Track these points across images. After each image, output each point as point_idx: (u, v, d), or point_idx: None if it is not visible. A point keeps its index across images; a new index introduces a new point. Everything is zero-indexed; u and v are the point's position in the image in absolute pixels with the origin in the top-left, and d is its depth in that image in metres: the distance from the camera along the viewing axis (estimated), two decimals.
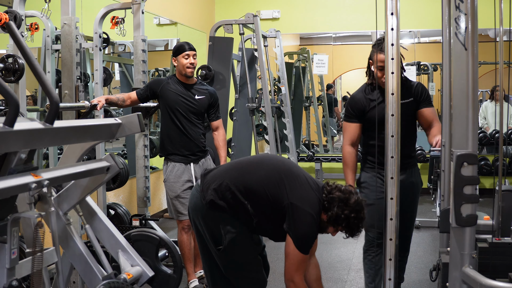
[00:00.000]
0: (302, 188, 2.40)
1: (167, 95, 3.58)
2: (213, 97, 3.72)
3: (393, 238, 2.25)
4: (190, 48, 3.61)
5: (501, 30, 2.92)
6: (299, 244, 2.36)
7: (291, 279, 2.40)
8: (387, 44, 2.19)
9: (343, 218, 2.37)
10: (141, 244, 3.07)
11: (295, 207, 2.35)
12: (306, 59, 7.80)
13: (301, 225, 2.36)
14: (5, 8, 2.93)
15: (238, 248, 2.45)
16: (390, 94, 2.21)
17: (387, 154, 2.26)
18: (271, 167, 2.47)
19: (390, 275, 2.27)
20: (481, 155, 6.79)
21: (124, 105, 3.66)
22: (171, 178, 3.60)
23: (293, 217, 2.35)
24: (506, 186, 2.86)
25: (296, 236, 2.36)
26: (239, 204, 2.41)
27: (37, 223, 1.80)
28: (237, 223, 2.44)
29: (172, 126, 3.59)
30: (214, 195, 2.42)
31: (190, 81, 3.65)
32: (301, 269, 2.41)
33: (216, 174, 2.51)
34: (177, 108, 3.57)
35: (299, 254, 2.37)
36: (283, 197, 2.38)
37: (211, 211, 2.43)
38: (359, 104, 3.01)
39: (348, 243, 4.81)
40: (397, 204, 2.25)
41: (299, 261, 2.38)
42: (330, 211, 2.38)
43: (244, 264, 2.50)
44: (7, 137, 1.67)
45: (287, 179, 2.41)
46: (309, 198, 2.39)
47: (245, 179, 2.43)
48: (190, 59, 3.59)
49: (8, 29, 1.92)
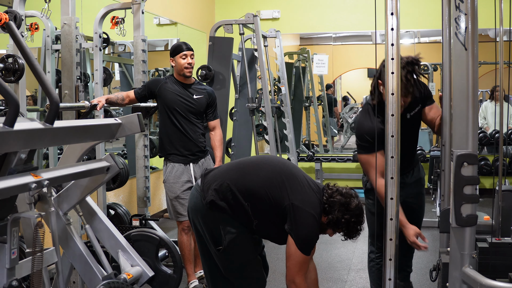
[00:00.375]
0: (303, 190, 2.41)
1: (165, 95, 3.58)
2: (211, 97, 3.71)
3: (393, 238, 2.25)
4: (187, 48, 3.60)
5: (501, 30, 2.92)
6: (301, 245, 2.36)
7: (293, 280, 2.40)
8: (387, 44, 2.19)
9: (343, 222, 2.39)
10: (141, 244, 3.07)
11: (297, 208, 2.35)
12: (306, 59, 7.80)
13: (303, 226, 2.36)
14: (5, 8, 2.93)
15: (238, 249, 2.45)
16: (390, 94, 2.21)
17: (387, 154, 2.25)
18: (272, 169, 2.47)
19: (390, 275, 2.26)
20: (481, 155, 6.79)
21: (123, 104, 3.66)
22: (171, 179, 3.59)
23: (295, 218, 2.35)
24: (506, 186, 2.86)
25: (298, 237, 2.36)
26: (239, 205, 2.41)
27: (37, 223, 1.80)
28: (237, 223, 2.43)
29: (171, 126, 3.58)
30: (215, 195, 2.42)
31: (188, 81, 3.65)
32: (302, 270, 2.41)
33: (216, 174, 2.51)
34: (175, 107, 3.56)
35: (301, 255, 2.37)
36: (284, 199, 2.38)
37: (211, 211, 2.43)
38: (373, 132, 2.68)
39: (348, 243, 4.80)
40: (397, 204, 2.25)
41: (301, 262, 2.38)
42: (330, 214, 2.39)
43: (244, 264, 2.50)
44: (7, 137, 1.67)
45: (288, 181, 2.41)
46: (310, 199, 2.39)
47: (246, 180, 2.43)
48: (187, 59, 3.58)
49: (8, 29, 1.92)
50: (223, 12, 7.56)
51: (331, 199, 2.40)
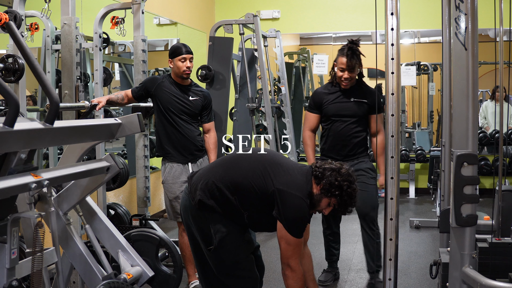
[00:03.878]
0: (286, 173, 2.41)
1: (161, 95, 3.56)
2: (207, 99, 3.70)
3: (393, 238, 2.25)
4: (187, 51, 3.56)
5: (501, 30, 2.92)
6: (290, 227, 2.35)
7: (287, 263, 2.40)
8: (387, 44, 2.19)
9: (336, 186, 2.36)
10: (141, 244, 3.07)
11: (282, 192, 2.35)
12: (306, 59, 7.80)
13: (289, 209, 2.35)
14: (5, 8, 2.93)
15: (229, 248, 2.45)
16: (390, 94, 2.21)
17: (387, 154, 2.26)
18: (253, 159, 2.48)
19: (390, 275, 2.27)
20: (481, 155, 6.80)
21: (122, 104, 3.65)
22: (169, 179, 3.59)
23: (281, 202, 2.35)
24: (506, 186, 2.86)
25: (286, 220, 2.35)
26: (227, 201, 2.42)
27: (37, 223, 1.80)
28: (227, 222, 2.44)
29: (168, 126, 3.57)
30: (201, 195, 2.43)
31: (185, 82, 3.64)
32: (295, 253, 2.40)
33: (201, 174, 2.53)
34: (170, 108, 3.54)
35: (292, 238, 2.36)
36: (269, 185, 2.38)
37: (201, 211, 2.44)
38: (318, 98, 3.61)
39: (348, 243, 4.81)
40: (397, 204, 2.25)
41: (293, 245, 2.38)
42: (323, 179, 2.37)
43: (235, 263, 2.50)
44: (7, 137, 1.67)
45: (270, 167, 2.42)
46: (295, 181, 2.39)
47: (229, 175, 2.44)
48: (186, 63, 3.54)
49: (8, 29, 1.92)
50: (223, 12, 7.56)
51: (322, 167, 2.40)
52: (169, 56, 3.61)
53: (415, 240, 5.00)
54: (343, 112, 3.55)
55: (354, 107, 3.53)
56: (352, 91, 3.55)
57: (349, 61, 3.43)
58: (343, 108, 3.54)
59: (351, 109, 3.53)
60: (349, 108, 3.54)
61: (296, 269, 2.40)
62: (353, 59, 3.43)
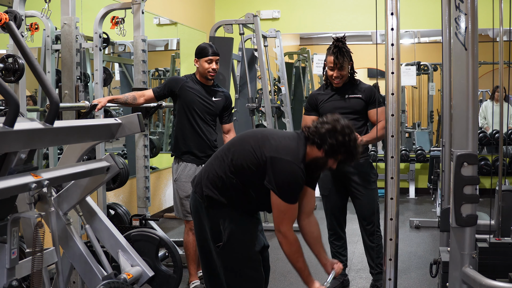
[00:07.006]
0: (277, 141, 2.39)
1: (186, 94, 3.58)
2: (228, 100, 3.74)
3: (393, 238, 2.25)
4: (213, 52, 3.57)
5: (501, 30, 2.92)
6: (281, 192, 2.33)
7: (278, 229, 2.38)
8: (387, 44, 2.19)
9: (340, 143, 2.33)
10: (141, 244, 3.06)
11: (272, 159, 2.33)
12: (306, 59, 7.80)
13: (279, 173, 2.33)
14: (5, 8, 2.93)
15: (238, 243, 2.45)
16: (390, 94, 2.21)
17: (387, 154, 2.26)
18: (242, 142, 2.48)
19: (390, 275, 2.27)
20: (481, 155, 6.80)
21: (135, 104, 3.62)
22: (183, 177, 3.60)
23: (272, 168, 2.33)
24: (506, 186, 2.86)
25: (276, 185, 2.33)
26: (230, 185, 2.42)
27: (37, 223, 1.80)
28: (235, 215, 2.44)
29: (188, 126, 3.58)
30: (206, 189, 2.45)
31: (209, 83, 3.66)
32: (286, 219, 2.37)
33: (201, 172, 2.56)
34: (194, 108, 3.57)
35: (283, 203, 2.33)
36: (260, 158, 2.37)
37: (211, 208, 2.45)
38: (313, 99, 3.66)
39: (348, 243, 4.80)
40: (397, 204, 2.25)
41: (284, 211, 2.35)
42: (325, 144, 2.35)
43: (243, 260, 2.49)
44: (7, 137, 1.67)
45: (259, 142, 2.41)
46: (285, 147, 2.37)
47: (225, 161, 2.45)
48: (212, 65, 3.56)
49: (8, 29, 1.92)
50: (223, 12, 7.56)
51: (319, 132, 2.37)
52: (195, 55, 3.61)
53: (415, 240, 5.00)
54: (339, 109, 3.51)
55: (350, 103, 3.53)
56: (346, 88, 3.55)
57: (336, 58, 3.43)
58: (339, 105, 3.53)
59: (347, 105, 3.53)
60: (345, 105, 3.54)
61: (288, 234, 2.37)
62: (341, 56, 3.44)
